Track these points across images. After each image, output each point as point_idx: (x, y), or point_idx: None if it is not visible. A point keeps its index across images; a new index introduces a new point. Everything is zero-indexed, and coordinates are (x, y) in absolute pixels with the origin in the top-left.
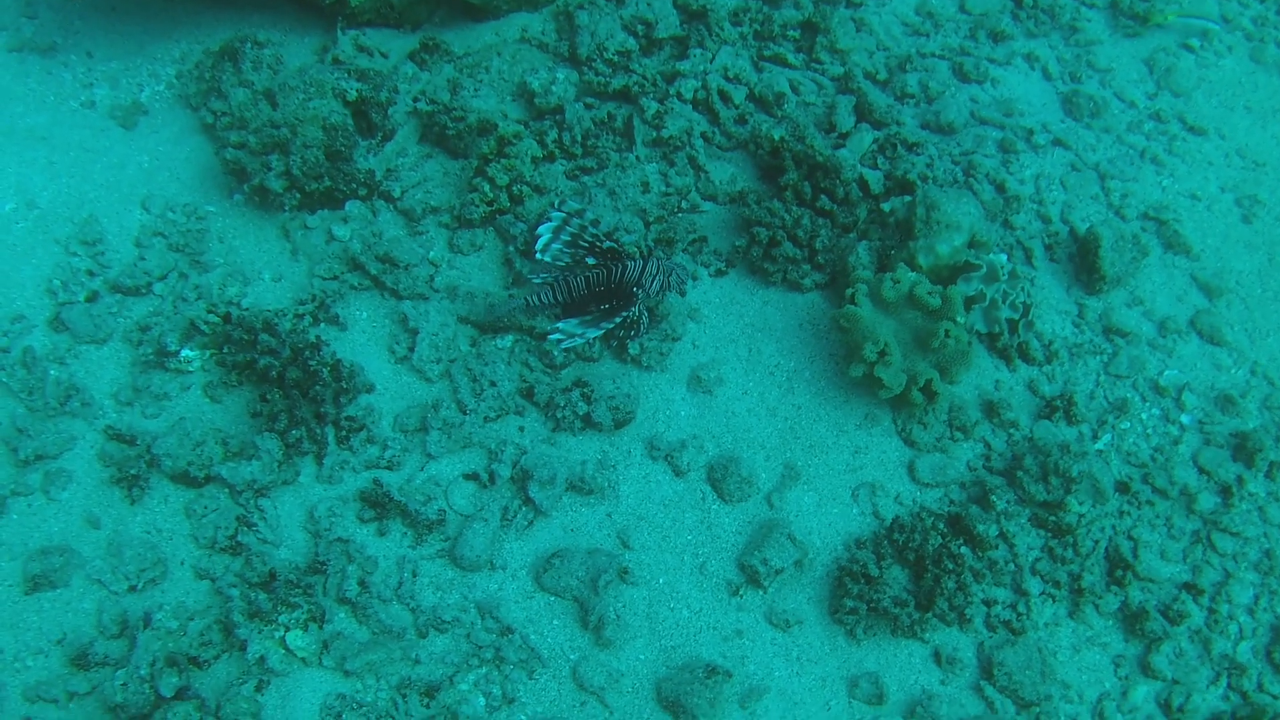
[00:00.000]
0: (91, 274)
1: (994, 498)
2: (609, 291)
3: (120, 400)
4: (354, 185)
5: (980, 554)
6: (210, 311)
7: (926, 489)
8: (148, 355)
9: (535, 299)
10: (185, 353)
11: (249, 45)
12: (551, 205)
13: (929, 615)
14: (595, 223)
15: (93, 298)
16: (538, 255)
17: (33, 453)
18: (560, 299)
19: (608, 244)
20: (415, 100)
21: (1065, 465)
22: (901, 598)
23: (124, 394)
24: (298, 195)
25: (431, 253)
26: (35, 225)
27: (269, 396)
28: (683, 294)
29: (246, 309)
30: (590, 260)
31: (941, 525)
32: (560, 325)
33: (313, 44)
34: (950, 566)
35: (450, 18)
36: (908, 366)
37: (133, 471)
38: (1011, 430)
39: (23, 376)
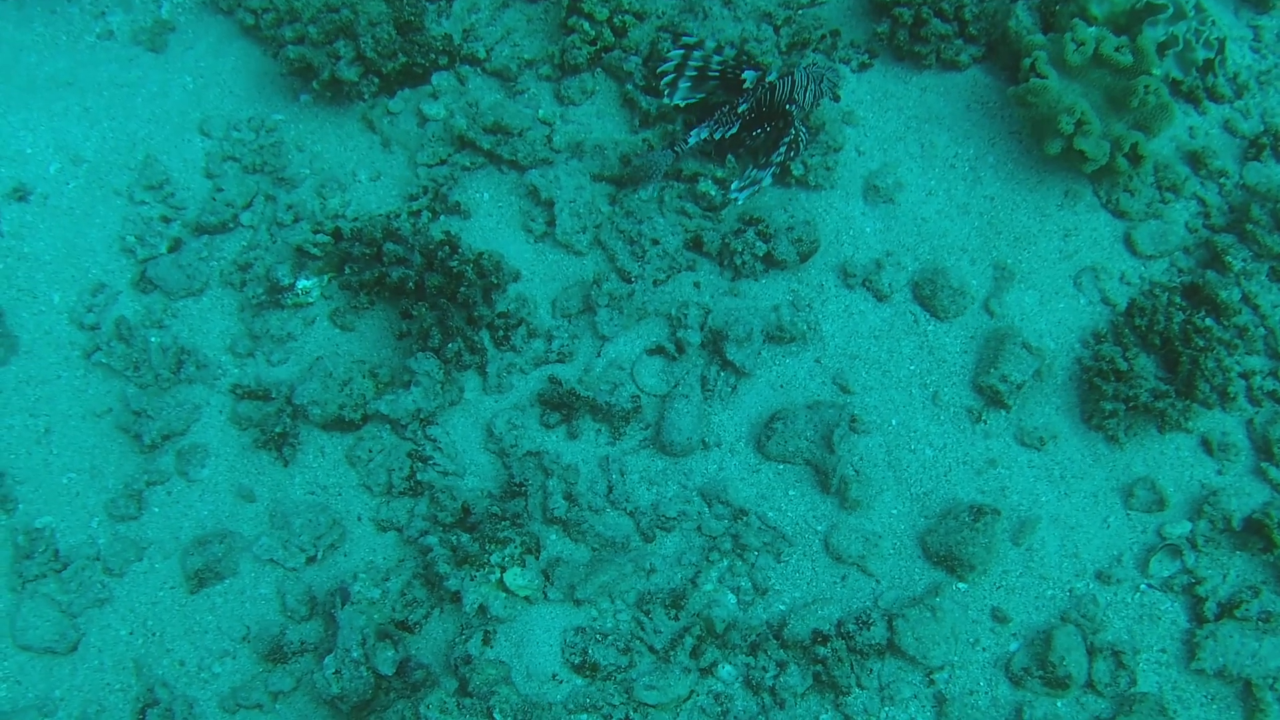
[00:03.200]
0: (167, 220)
1: (1229, 258)
2: (760, 116)
3: (238, 353)
4: (433, 55)
5: (1226, 322)
6: (317, 231)
7: (1150, 261)
8: (258, 295)
9: (683, 149)
10: (301, 283)
11: None
12: (661, 42)
13: (1192, 402)
14: (719, 49)
15: (176, 246)
16: (667, 100)
17: (158, 434)
18: (713, 139)
19: (746, 70)
20: None
21: None
22: (1159, 389)
23: (241, 345)
24: (375, 80)
25: (540, 111)
26: (88, 181)
27: (414, 311)
28: (837, 98)
29: (355, 219)
30: (746, 83)
31: (1178, 299)
32: (736, 183)
33: None
34: (1200, 343)
35: None
36: (1105, 131)
37: (277, 429)
38: (1222, 180)
39: (123, 351)
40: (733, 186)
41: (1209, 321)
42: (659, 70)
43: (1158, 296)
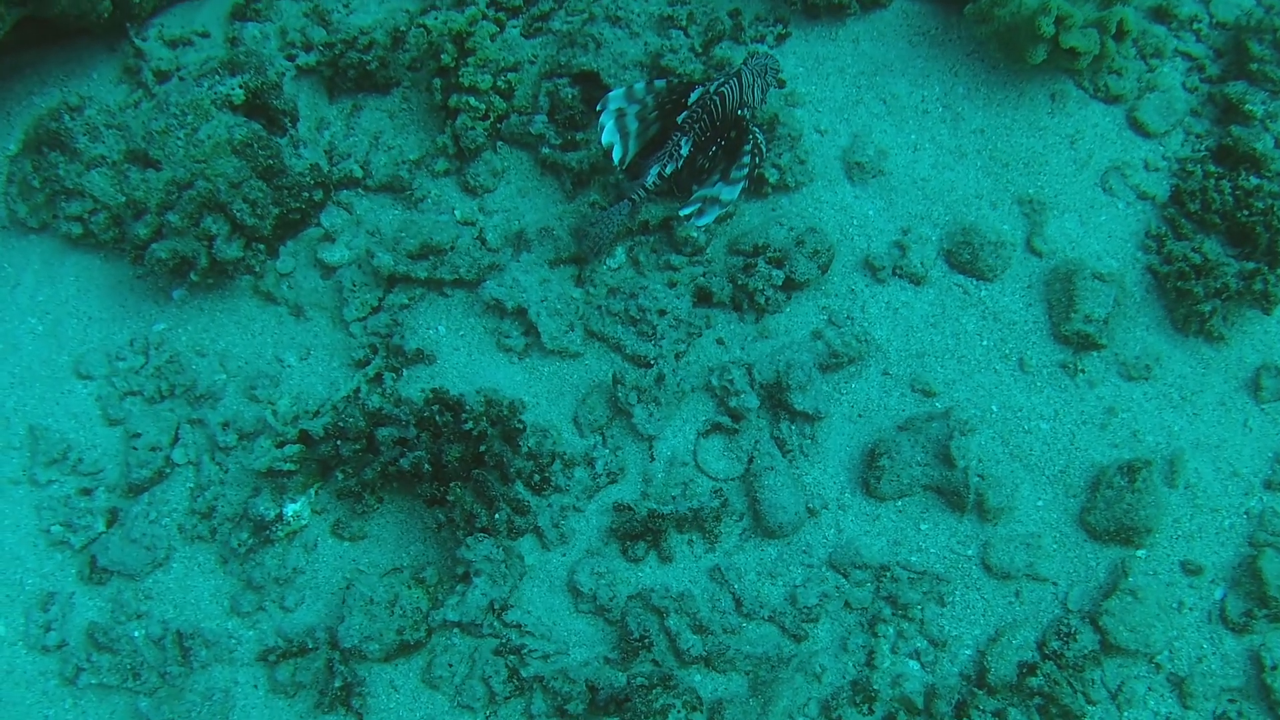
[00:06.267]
0: (87, 492)
1: (1248, 106)
2: (715, 130)
3: (243, 612)
4: (306, 194)
5: (1270, 174)
6: (282, 444)
7: (1164, 138)
8: (242, 540)
9: (641, 195)
10: (289, 510)
11: (67, 116)
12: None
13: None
14: (649, 87)
15: (114, 518)
16: (619, 172)
17: None
18: (668, 177)
19: (692, 94)
20: (290, 58)
21: None
22: (1245, 269)
23: (244, 601)
24: (261, 248)
25: (457, 212)
26: None
27: (450, 496)
28: (782, 84)
29: (316, 412)
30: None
31: (1212, 167)
32: (693, 202)
33: (108, 74)
34: (1260, 206)
35: None
36: (1085, 19)
37: (337, 684)
38: (1196, 26)
39: (111, 662)
40: (683, 214)
41: (1255, 180)
42: (604, 145)
43: (1193, 174)
